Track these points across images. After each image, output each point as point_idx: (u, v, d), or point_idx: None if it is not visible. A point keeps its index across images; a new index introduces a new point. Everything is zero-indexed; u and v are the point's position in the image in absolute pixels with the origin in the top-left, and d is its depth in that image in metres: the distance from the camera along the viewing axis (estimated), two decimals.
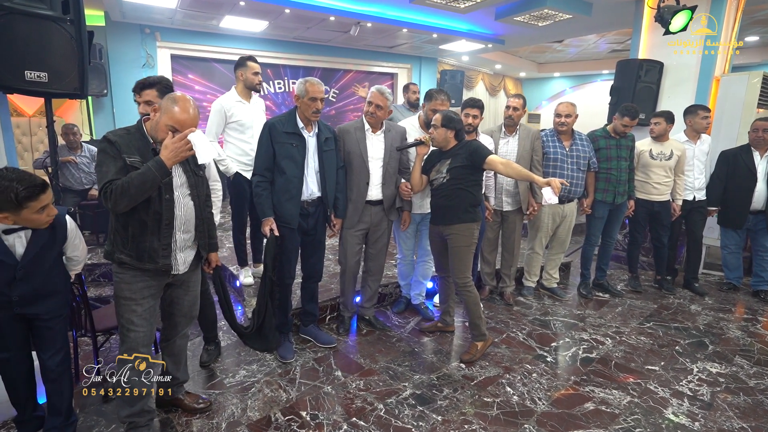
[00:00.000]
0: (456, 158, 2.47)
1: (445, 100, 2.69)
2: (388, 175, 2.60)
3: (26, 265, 1.56)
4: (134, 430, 1.74)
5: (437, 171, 2.53)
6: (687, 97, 4.17)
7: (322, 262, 2.59)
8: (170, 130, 1.56)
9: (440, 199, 2.53)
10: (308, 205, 2.39)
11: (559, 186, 2.27)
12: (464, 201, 2.48)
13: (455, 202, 2.48)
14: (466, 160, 2.44)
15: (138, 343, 1.69)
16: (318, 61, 7.40)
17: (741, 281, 3.75)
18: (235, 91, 2.95)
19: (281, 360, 2.43)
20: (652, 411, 2.11)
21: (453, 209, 2.48)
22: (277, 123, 2.31)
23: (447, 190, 2.48)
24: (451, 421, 1.99)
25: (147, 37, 5.92)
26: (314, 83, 2.27)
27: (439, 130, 2.47)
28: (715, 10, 4.07)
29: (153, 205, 1.61)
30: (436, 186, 2.54)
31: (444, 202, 2.51)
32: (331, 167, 2.42)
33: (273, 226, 2.28)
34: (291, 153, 2.29)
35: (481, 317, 2.55)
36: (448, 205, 2.49)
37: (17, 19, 1.94)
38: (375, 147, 2.57)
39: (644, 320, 3.14)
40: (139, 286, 1.67)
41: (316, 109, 2.28)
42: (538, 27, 5.72)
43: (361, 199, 2.56)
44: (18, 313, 1.59)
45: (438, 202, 2.56)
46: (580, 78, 10.78)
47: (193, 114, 1.59)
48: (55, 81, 2.08)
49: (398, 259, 3.07)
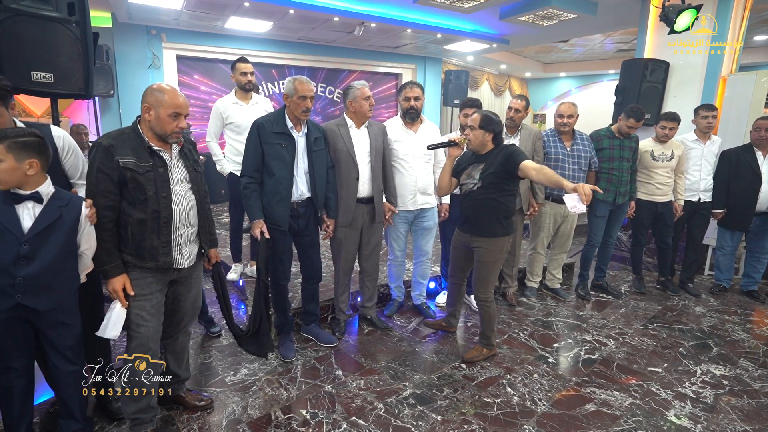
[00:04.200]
0: (490, 164, 2.28)
1: (415, 88, 2.69)
2: (375, 171, 2.59)
3: (32, 239, 1.47)
4: (139, 426, 1.76)
5: (468, 176, 2.36)
6: (693, 97, 4.13)
7: (319, 262, 2.57)
8: (173, 117, 1.64)
9: (470, 207, 2.36)
10: (298, 206, 2.36)
11: (589, 193, 1.89)
12: (496, 212, 2.30)
13: (486, 213, 2.30)
14: (501, 167, 2.24)
15: (148, 338, 1.70)
16: (322, 61, 7.42)
17: (731, 283, 3.72)
18: (233, 93, 3.07)
19: (282, 359, 2.44)
20: (654, 413, 2.09)
21: (483, 220, 2.32)
22: (266, 123, 2.27)
23: (478, 199, 2.31)
24: (450, 421, 1.99)
25: (153, 38, 5.97)
26: (303, 81, 2.24)
27: (476, 131, 2.28)
28: (722, 9, 4.03)
29: (151, 203, 1.64)
30: (465, 192, 2.38)
31: (474, 212, 2.34)
32: (321, 167, 2.39)
33: (263, 228, 2.25)
34: (280, 153, 2.26)
35: (494, 330, 2.51)
36: (479, 216, 2.33)
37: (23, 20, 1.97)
38: (361, 142, 2.55)
39: (648, 321, 3.12)
40: (147, 281, 1.70)
41: (305, 108, 2.25)
42: (542, 27, 5.69)
43: (352, 197, 2.54)
44: (20, 303, 1.48)
45: (467, 211, 2.38)
46: (586, 78, 10.70)
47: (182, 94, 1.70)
48: (61, 82, 2.10)
49: (389, 260, 3.02)
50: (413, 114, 2.72)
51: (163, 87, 1.66)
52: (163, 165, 1.68)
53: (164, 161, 1.69)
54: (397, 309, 3.12)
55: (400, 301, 3.14)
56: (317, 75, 7.56)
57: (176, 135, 1.68)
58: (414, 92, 2.68)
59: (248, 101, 3.06)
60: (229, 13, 5.40)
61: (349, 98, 2.52)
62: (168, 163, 1.70)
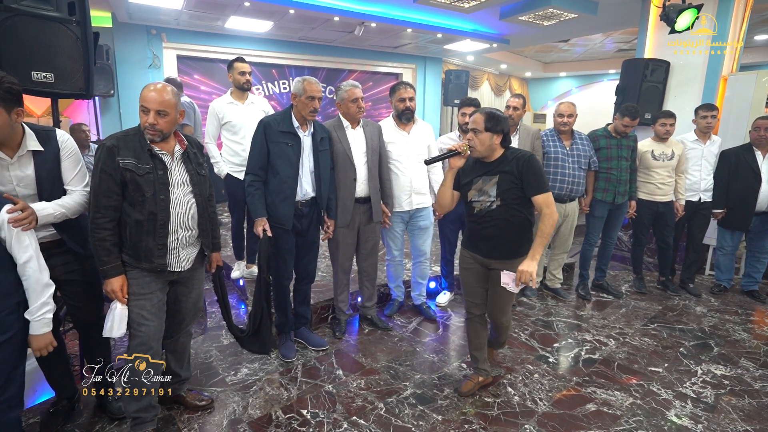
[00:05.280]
0: (507, 176, 1.89)
1: (409, 89, 2.70)
2: (372, 171, 2.59)
3: None
4: (140, 426, 1.76)
5: (479, 191, 1.96)
6: (693, 97, 4.13)
7: (315, 263, 2.57)
8: (143, 111, 1.63)
9: (489, 229, 1.95)
10: (302, 205, 2.36)
11: (525, 280, 1.82)
12: (522, 229, 1.94)
13: (511, 234, 1.93)
14: (519, 179, 1.88)
15: (150, 337, 1.70)
16: (322, 61, 7.41)
17: (731, 282, 3.72)
18: (229, 93, 3.08)
19: (283, 359, 2.44)
20: (655, 413, 2.09)
21: (509, 242, 1.94)
22: (272, 122, 2.28)
23: (500, 218, 1.92)
24: (451, 421, 1.99)
25: (153, 38, 5.96)
26: (312, 82, 2.26)
27: (482, 135, 1.89)
28: (722, 9, 4.03)
29: (148, 205, 1.64)
30: (479, 212, 1.96)
31: (495, 233, 1.94)
32: (326, 167, 2.40)
33: (266, 226, 2.24)
34: (286, 152, 2.26)
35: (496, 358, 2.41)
36: (502, 238, 1.94)
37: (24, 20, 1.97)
38: (357, 142, 2.55)
39: (648, 321, 3.12)
40: (146, 280, 1.70)
41: (313, 108, 2.26)
42: (543, 26, 5.69)
43: (350, 197, 2.53)
44: None
45: (486, 232, 1.96)
46: (587, 78, 10.70)
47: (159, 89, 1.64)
48: (61, 81, 2.10)
49: (387, 260, 3.02)
50: (409, 115, 2.72)
51: (148, 84, 1.66)
52: (163, 167, 1.68)
53: (164, 164, 1.68)
54: (398, 309, 3.12)
55: (400, 301, 3.14)
56: (317, 75, 7.55)
57: (149, 132, 1.63)
58: (409, 93, 2.69)
59: (244, 101, 3.06)
60: (229, 13, 5.40)
61: (337, 100, 2.54)
62: (168, 166, 1.70)
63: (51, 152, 1.63)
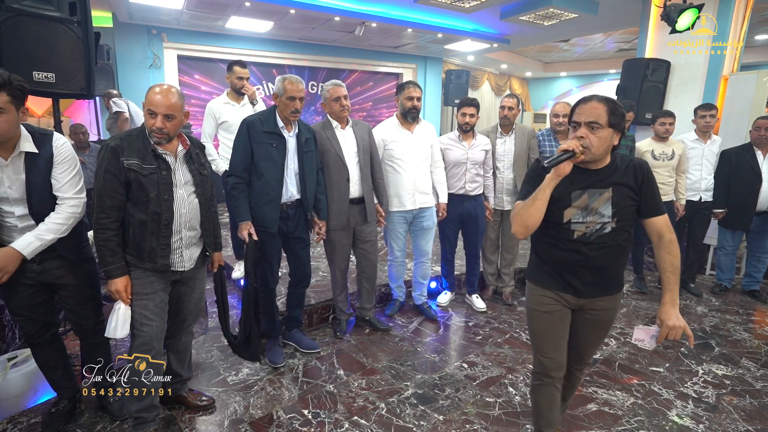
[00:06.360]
0: (621, 188, 1.45)
1: (417, 88, 2.69)
2: (364, 171, 2.55)
3: None
4: (142, 425, 1.76)
5: (585, 210, 1.46)
6: (694, 97, 4.13)
7: (309, 265, 2.50)
8: (150, 115, 1.62)
9: (597, 260, 1.47)
10: (287, 207, 2.28)
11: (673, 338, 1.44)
12: (626, 256, 1.54)
13: (620, 263, 1.52)
14: (637, 194, 1.45)
15: (152, 337, 1.70)
16: (323, 61, 7.42)
17: (732, 282, 3.72)
18: (225, 94, 3.12)
19: (271, 365, 2.38)
20: (656, 413, 2.09)
21: (613, 272, 1.52)
22: (256, 121, 2.18)
23: (611, 246, 1.47)
24: (452, 421, 1.99)
25: (154, 38, 5.97)
26: (293, 81, 2.16)
27: (602, 132, 1.40)
28: (723, 9, 4.03)
29: (152, 205, 1.64)
30: (584, 237, 1.46)
31: (604, 264, 1.48)
32: (311, 169, 2.32)
33: (251, 230, 2.16)
34: (270, 153, 2.17)
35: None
36: (610, 271, 1.50)
37: (25, 20, 1.98)
38: (347, 143, 2.52)
39: (649, 321, 3.12)
40: (149, 280, 1.70)
41: (294, 109, 2.17)
42: (543, 26, 5.69)
43: (345, 198, 2.49)
44: None
45: (593, 265, 1.48)
46: (587, 77, 10.71)
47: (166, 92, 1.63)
48: (63, 81, 2.11)
49: (389, 260, 3.00)
50: (414, 113, 2.71)
51: (153, 85, 1.66)
52: (166, 168, 1.68)
53: (168, 164, 1.69)
54: (399, 309, 3.12)
55: (401, 301, 3.14)
56: (318, 75, 7.56)
57: (156, 135, 1.63)
58: (417, 92, 2.69)
59: (240, 102, 3.11)
60: (229, 13, 5.41)
61: (321, 100, 2.51)
62: (172, 166, 1.70)
63: (44, 156, 1.61)
